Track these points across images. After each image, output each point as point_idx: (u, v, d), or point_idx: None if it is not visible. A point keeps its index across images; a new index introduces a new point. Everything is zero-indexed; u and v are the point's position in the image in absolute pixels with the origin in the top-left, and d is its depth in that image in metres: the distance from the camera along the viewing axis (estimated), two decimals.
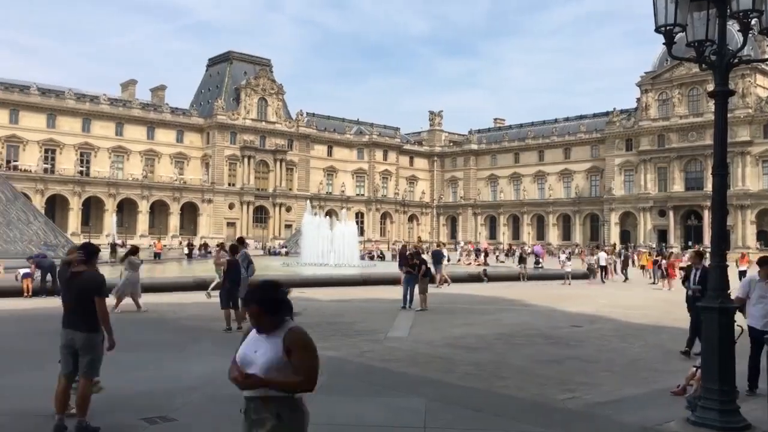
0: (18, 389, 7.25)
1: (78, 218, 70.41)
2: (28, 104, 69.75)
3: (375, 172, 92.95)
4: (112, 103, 76.65)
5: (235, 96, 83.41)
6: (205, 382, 7.67)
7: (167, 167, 78.55)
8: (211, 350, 9.87)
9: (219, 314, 12.57)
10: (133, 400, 6.76)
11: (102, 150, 73.93)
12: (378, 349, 10.25)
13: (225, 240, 72.51)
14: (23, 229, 32.07)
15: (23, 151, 69.13)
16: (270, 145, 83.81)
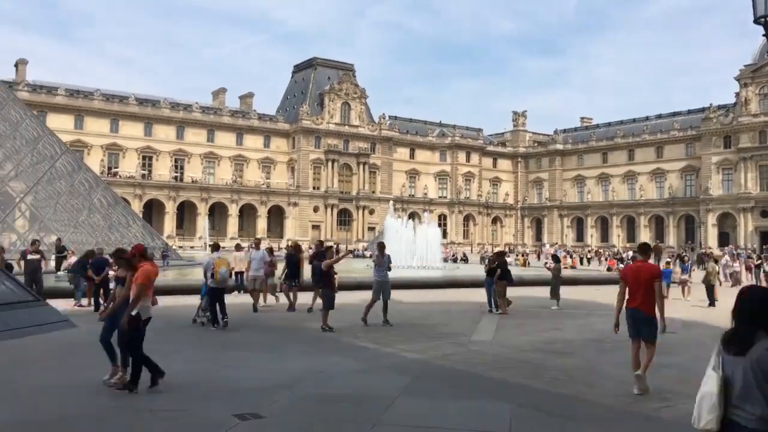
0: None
1: (173, 221, 73.77)
2: (127, 114, 73.78)
3: (458, 174, 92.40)
4: (203, 111, 79.91)
5: (319, 101, 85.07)
6: (295, 381, 7.86)
7: (255, 172, 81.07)
8: (300, 350, 10.10)
9: (305, 316, 12.86)
10: (225, 396, 7.02)
11: (195, 156, 77.16)
12: (462, 353, 10.19)
13: (311, 242, 74.19)
14: (124, 232, 33.94)
15: (123, 159, 73.12)
16: (353, 149, 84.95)
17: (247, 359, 9.27)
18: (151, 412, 6.30)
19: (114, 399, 6.87)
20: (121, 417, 6.21)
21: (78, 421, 6.05)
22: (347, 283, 21.46)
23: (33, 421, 6.03)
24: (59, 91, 70.60)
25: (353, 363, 9.17)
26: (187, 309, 15.50)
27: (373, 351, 10.17)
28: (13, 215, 31.93)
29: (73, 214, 33.67)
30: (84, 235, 32.68)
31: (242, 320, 13.76)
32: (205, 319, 12.89)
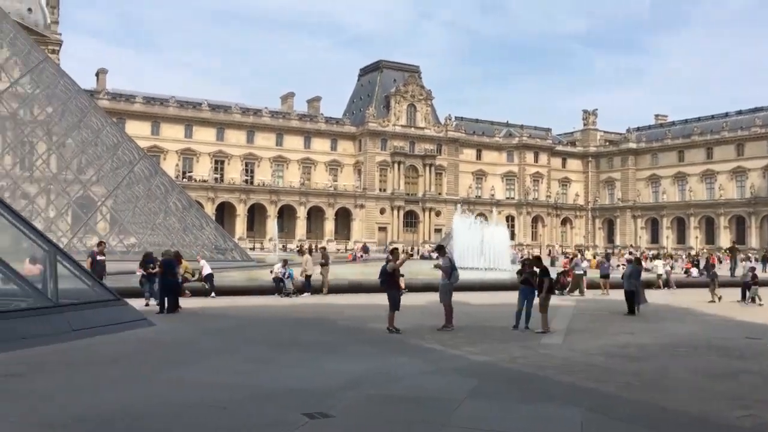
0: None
1: (243, 224, 75.69)
2: (200, 119, 76.25)
3: (525, 174, 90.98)
4: (272, 116, 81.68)
5: (385, 103, 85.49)
6: (362, 381, 7.92)
7: (322, 174, 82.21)
8: (368, 351, 10.16)
9: (375, 315, 12.94)
10: (294, 395, 7.13)
11: (264, 159, 78.96)
12: (530, 356, 10.01)
13: (377, 243, 74.60)
14: (197, 234, 35.05)
15: (196, 163, 75.58)
16: (419, 150, 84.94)
17: (314, 359, 9.40)
18: (224, 409, 6.47)
19: (186, 395, 7.10)
20: (194, 412, 6.41)
21: (156, 416, 6.28)
22: (414, 284, 21.51)
23: (107, 415, 6.29)
24: (137, 99, 73.65)
25: (420, 364, 9.16)
26: (256, 309, 15.88)
27: (440, 353, 10.13)
28: (95, 218, 33.49)
29: (150, 217, 35.04)
30: (160, 236, 33.95)
31: (310, 320, 13.97)
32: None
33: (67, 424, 5.90)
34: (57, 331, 10.09)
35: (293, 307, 16.67)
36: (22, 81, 32.24)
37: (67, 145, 34.85)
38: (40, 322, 10.07)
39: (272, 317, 14.53)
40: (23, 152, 37.45)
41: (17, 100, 32.62)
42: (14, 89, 31.97)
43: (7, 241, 12.23)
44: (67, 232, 33.09)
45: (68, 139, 34.38)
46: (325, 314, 15.09)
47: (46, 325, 10.07)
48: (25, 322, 9.86)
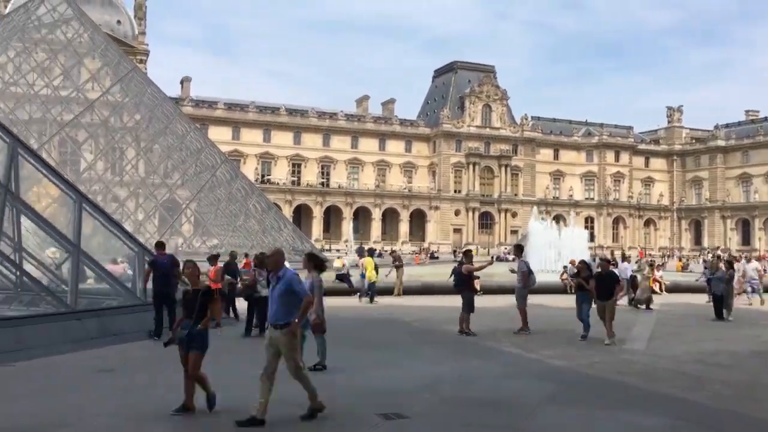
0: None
1: (320, 226, 76.96)
2: (278, 124, 78.12)
3: (606, 174, 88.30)
4: (348, 119, 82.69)
5: (460, 104, 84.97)
6: (437, 383, 7.90)
7: (397, 176, 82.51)
8: (443, 353, 10.13)
9: (449, 318, 12.87)
10: (369, 396, 7.19)
11: (340, 162, 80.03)
12: (611, 361, 9.71)
13: (452, 245, 74.22)
14: (276, 236, 35.88)
15: (274, 166, 77.47)
16: (495, 151, 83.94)
17: (388, 360, 9.44)
18: (300, 406, 6.59)
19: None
20: (272, 408, 6.55)
21: (240, 412, 6.47)
22: (489, 286, 21.29)
23: (196, 411, 6.53)
24: (219, 105, 76.21)
25: (495, 367, 9.05)
26: (331, 310, 16.10)
27: (516, 356, 9.98)
28: (180, 220, 34.84)
29: (231, 219, 36.17)
30: (241, 238, 34.97)
31: (383, 321, 14.04)
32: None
33: (156, 417, 6.16)
34: (146, 328, 10.56)
35: (367, 308, 16.81)
36: (113, 90, 33.94)
37: (154, 150, 36.42)
38: (130, 319, 10.57)
39: (347, 318, 14.69)
40: (114, 158, 39.40)
41: (108, 108, 34.35)
42: (105, 98, 33.67)
43: (101, 242, 12.89)
44: (154, 233, 34.50)
45: (155, 145, 35.92)
46: (398, 316, 15.13)
47: (134, 322, 10.56)
48: (116, 319, 10.38)
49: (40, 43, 33.99)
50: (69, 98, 34.19)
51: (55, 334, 9.19)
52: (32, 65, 33.98)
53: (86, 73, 34.53)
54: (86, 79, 34.20)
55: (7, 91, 33.73)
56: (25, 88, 34.24)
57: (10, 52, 33.36)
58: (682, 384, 8.20)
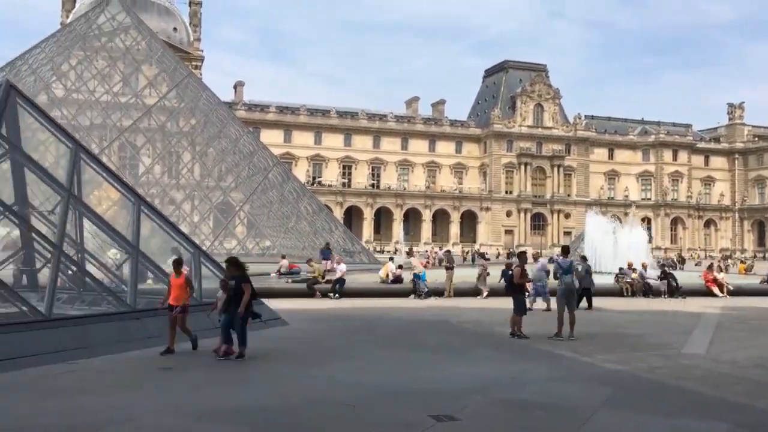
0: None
1: (370, 227, 77.30)
2: (328, 126, 78.87)
3: (663, 173, 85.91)
4: (398, 120, 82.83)
5: (511, 104, 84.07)
6: (488, 385, 7.83)
7: (447, 177, 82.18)
8: (493, 355, 10.04)
9: (501, 320, 12.75)
10: (420, 397, 7.18)
11: (390, 164, 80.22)
12: (670, 366, 9.43)
13: (503, 246, 73.45)
14: (327, 238, 36.21)
15: (325, 168, 78.23)
16: (547, 151, 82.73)
17: (439, 362, 9.41)
18: (353, 407, 6.64)
19: (317, 392, 7.34)
20: (324, 409, 6.62)
21: (289, 411, 6.56)
22: None
23: (250, 408, 6.65)
24: (270, 109, 77.45)
25: (548, 371, 8.91)
26: (383, 311, 16.16)
27: (570, 359, 9.80)
28: (234, 222, 35.56)
29: (283, 221, 36.72)
30: (292, 240, 35.48)
31: (435, 323, 14.00)
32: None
33: (213, 415, 6.30)
34: (202, 327, 10.78)
35: (418, 309, 16.79)
36: (169, 95, 34.92)
37: (208, 154, 37.30)
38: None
39: (399, 319, 14.71)
40: (170, 161, 40.54)
41: (165, 113, 35.36)
42: (162, 103, 34.68)
43: (158, 243, 13.26)
44: (209, 235, 35.36)
45: (209, 149, 36.79)
46: (450, 317, 15.06)
47: (192, 322, 10.81)
48: None
49: (100, 51, 35.26)
50: (128, 104, 35.36)
51: (116, 332, 9.49)
52: (93, 72, 35.26)
53: (144, 79, 35.65)
54: (144, 85, 35.32)
55: (69, 98, 35.10)
56: (86, 95, 35.58)
57: (72, 60, 34.71)
58: (742, 390, 7.91)
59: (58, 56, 33.78)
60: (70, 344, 8.70)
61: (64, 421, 5.97)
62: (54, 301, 9.11)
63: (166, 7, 74.30)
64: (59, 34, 34.90)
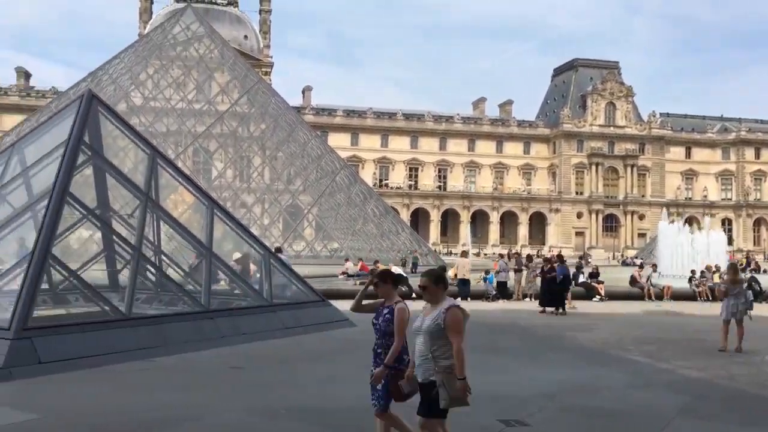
0: None
1: (437, 229, 77.08)
2: (395, 129, 79.15)
3: (745, 173, 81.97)
4: (464, 122, 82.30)
5: (581, 103, 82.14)
6: (559, 390, 7.67)
7: (515, 179, 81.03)
8: (564, 360, 9.83)
9: (573, 324, 12.48)
10: (489, 401, 7.10)
11: (457, 165, 79.77)
12: (752, 374, 8.99)
13: (574, 249, 71.80)
14: (394, 240, 36.40)
15: (392, 171, 78.54)
16: (619, 151, 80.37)
17: (508, 365, 9.28)
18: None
19: None
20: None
21: (358, 411, 6.62)
22: (615, 292, 20.46)
23: (320, 408, 6.74)
24: (338, 113, 78.41)
25: (622, 377, 8.64)
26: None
27: (645, 365, 9.48)
28: (302, 225, 36.18)
29: (350, 223, 37.10)
30: (360, 242, 35.79)
31: (504, 326, 13.81)
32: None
33: (285, 414, 6.43)
34: (271, 328, 11.03)
35: (487, 311, 16.60)
36: (240, 101, 35.93)
37: (278, 158, 38.11)
38: (258, 319, 11.07)
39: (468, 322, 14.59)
40: (242, 166, 41.66)
41: (236, 118, 36.38)
42: (234, 109, 35.71)
43: (229, 245, 13.64)
44: (279, 237, 36.10)
45: (279, 153, 37.58)
46: (519, 320, 14.84)
47: (262, 322, 11.06)
48: (245, 319, 10.91)
49: (175, 60, 36.64)
50: (201, 111, 36.56)
51: (191, 331, 9.80)
52: (169, 81, 36.66)
53: (216, 86, 36.81)
54: (216, 92, 36.45)
55: (147, 106, 36.60)
56: (162, 103, 37.03)
57: (150, 69, 36.20)
58: None
59: (136, 66, 35.29)
60: (148, 342, 9.04)
61: (143, 416, 6.22)
62: (133, 300, 9.49)
63: (237, 15, 76.42)
64: (137, 44, 36.49)
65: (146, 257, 10.59)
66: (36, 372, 7.54)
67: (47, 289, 10.26)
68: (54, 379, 7.50)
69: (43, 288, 9.16)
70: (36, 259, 8.36)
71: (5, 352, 7.47)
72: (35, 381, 7.35)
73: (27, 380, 7.33)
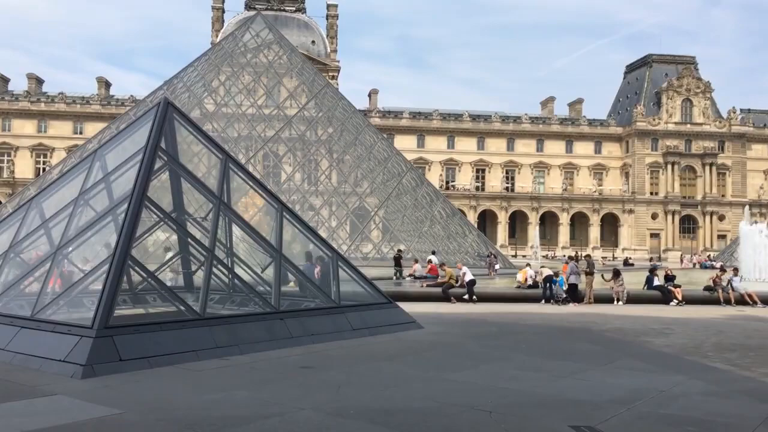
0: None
1: (505, 231, 76.09)
2: (461, 130, 78.68)
3: None
4: (532, 122, 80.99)
5: (656, 100, 79.46)
6: (633, 397, 7.43)
7: (586, 179, 79.14)
8: (639, 366, 9.52)
9: (647, 328, 12.08)
10: (559, 406, 6.96)
11: (524, 166, 78.61)
12: None
13: (648, 251, 69.48)
14: (461, 242, 36.17)
15: (458, 172, 78.10)
16: (696, 149, 77.29)
17: (579, 370, 9.06)
18: (488, 413, 6.56)
19: (453, 397, 7.33)
20: (460, 414, 6.60)
21: (427, 413, 6.61)
22: (693, 296, 19.71)
23: (387, 409, 6.77)
24: (404, 115, 78.61)
25: (700, 384, 8.29)
26: (519, 316, 15.84)
27: (726, 373, 9.06)
28: (369, 227, 36.42)
29: (416, 225, 37.11)
30: (426, 244, 35.72)
31: (575, 329, 13.50)
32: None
33: (354, 413, 6.49)
34: (339, 329, 11.16)
35: (556, 315, 16.28)
36: (308, 106, 36.55)
37: (345, 160, 38.55)
38: (326, 320, 11.23)
39: (535, 324, 14.36)
40: (309, 169, 42.36)
41: (304, 123, 37.02)
42: (302, 114, 36.35)
43: (298, 247, 13.88)
44: (346, 239, 36.50)
45: (346, 156, 38.02)
46: (589, 324, 14.46)
47: (330, 323, 11.21)
48: (313, 320, 11.09)
49: (246, 67, 37.65)
50: (271, 115, 37.42)
51: (262, 332, 10.03)
52: (239, 87, 37.71)
53: (285, 91, 37.58)
54: (285, 97, 37.23)
55: (219, 112, 37.74)
56: (233, 109, 38.11)
57: (221, 76, 37.32)
58: None
59: (209, 73, 36.45)
60: (221, 341, 9.31)
61: (220, 413, 6.41)
62: (207, 301, 9.79)
63: (305, 21, 77.81)
64: (210, 52, 37.68)
65: (219, 259, 10.89)
66: (117, 369, 7.89)
67: (127, 289, 10.70)
68: (134, 375, 7.83)
69: (123, 288, 9.54)
70: (116, 260, 8.74)
71: (88, 349, 7.84)
72: (116, 377, 7.68)
73: (109, 376, 7.67)
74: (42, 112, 72.57)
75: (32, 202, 11.94)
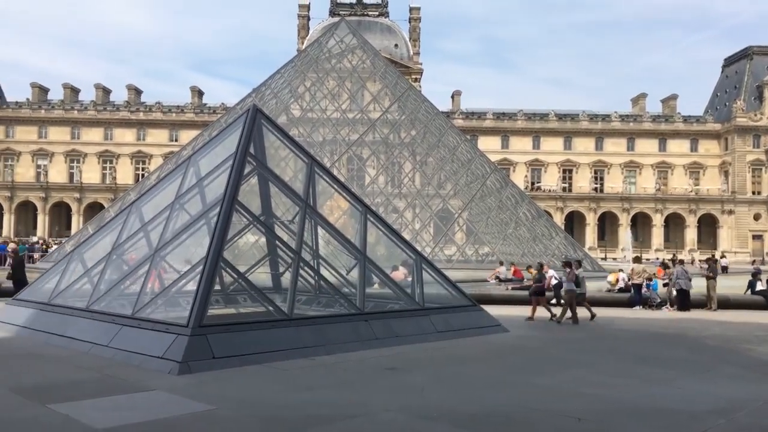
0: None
1: (594, 233, 73.78)
2: (547, 130, 76.95)
3: None
4: (622, 120, 78.18)
5: (757, 94, 74.94)
6: (734, 408, 7.04)
7: (681, 178, 75.65)
8: (739, 374, 9.01)
9: (751, 336, 11.42)
10: (652, 415, 6.69)
11: (614, 166, 75.98)
12: None
13: (751, 254, 65.52)
14: (547, 244, 35.33)
15: (544, 173, 76.40)
16: None
17: (674, 378, 8.66)
18: (577, 420, 6.39)
19: (540, 402, 7.18)
20: (547, 419, 6.45)
21: (513, 418, 6.51)
22: None
23: (471, 412, 6.72)
24: (487, 116, 77.72)
25: None
26: (610, 320, 15.32)
27: None
28: (453, 229, 36.24)
29: (501, 227, 36.59)
30: (511, 246, 35.16)
31: (670, 336, 12.93)
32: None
33: (437, 416, 6.48)
34: (423, 331, 11.18)
35: (650, 320, 15.64)
36: (391, 109, 36.80)
37: (428, 163, 38.54)
38: (410, 322, 11.27)
39: (627, 329, 13.85)
40: (393, 172, 42.61)
41: (387, 126, 37.30)
42: (385, 117, 36.64)
43: (383, 250, 13.99)
44: (429, 242, 36.46)
45: (429, 158, 38.00)
46: (687, 330, 13.80)
47: (414, 325, 11.24)
48: (398, 322, 11.15)
49: (330, 72, 38.36)
50: (354, 119, 37.94)
51: (347, 333, 10.19)
52: (324, 92, 38.44)
53: (368, 95, 38.00)
54: (369, 100, 37.63)
55: (305, 117, 38.63)
56: (319, 114, 38.91)
57: (307, 82, 38.17)
58: None
59: (295, 80, 37.38)
60: (308, 341, 9.53)
61: (307, 411, 6.57)
62: (294, 301, 10.04)
63: (388, 25, 78.43)
64: (296, 59, 38.64)
65: (306, 261, 11.14)
66: (210, 366, 8.23)
67: (219, 290, 11.14)
68: (225, 372, 8.14)
69: (215, 289, 9.94)
70: (209, 262, 9.11)
71: (184, 347, 8.22)
72: (209, 374, 8.01)
73: (203, 373, 8.01)
74: (141, 121, 76.64)
75: (132, 207, 12.64)
